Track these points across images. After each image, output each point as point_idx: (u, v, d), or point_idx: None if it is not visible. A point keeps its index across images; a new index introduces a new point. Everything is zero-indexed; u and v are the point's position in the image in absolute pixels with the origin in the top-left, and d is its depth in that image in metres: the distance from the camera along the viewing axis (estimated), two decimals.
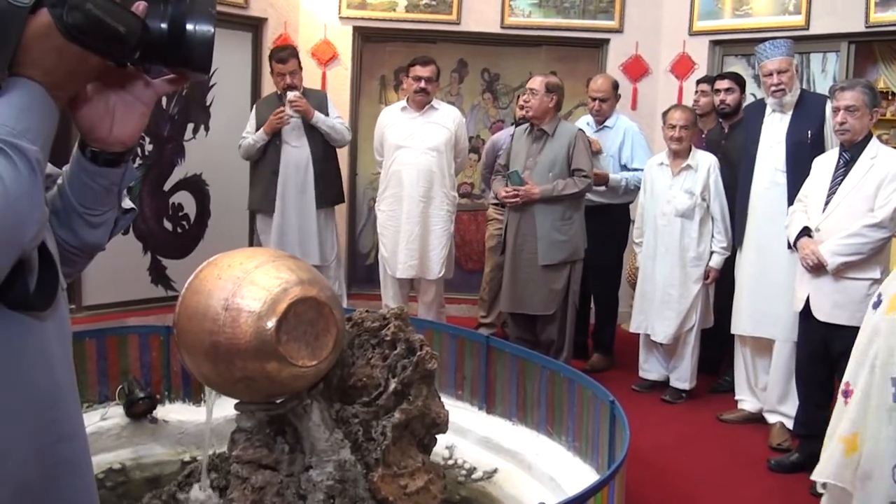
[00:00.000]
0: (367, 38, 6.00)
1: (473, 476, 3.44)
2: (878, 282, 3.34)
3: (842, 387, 1.38)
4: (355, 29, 5.91)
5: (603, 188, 4.88)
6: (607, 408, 3.15)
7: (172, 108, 5.23)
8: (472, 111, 6.11)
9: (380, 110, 5.25)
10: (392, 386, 2.65)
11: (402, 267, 4.77)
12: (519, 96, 5.45)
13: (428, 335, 3.65)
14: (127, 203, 1.26)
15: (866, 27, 5.13)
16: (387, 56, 6.10)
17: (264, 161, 4.86)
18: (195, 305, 2.28)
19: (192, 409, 3.62)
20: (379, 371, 2.67)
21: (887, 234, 3.35)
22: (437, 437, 2.93)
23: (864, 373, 1.28)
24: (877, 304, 1.36)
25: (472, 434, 3.60)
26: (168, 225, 5.28)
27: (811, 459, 3.60)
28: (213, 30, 1.04)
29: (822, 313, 3.49)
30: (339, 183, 5.11)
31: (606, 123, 5.03)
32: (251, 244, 5.29)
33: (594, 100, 5.00)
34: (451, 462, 3.50)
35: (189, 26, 1.03)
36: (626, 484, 2.83)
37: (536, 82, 4.55)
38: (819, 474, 1.52)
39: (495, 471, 3.43)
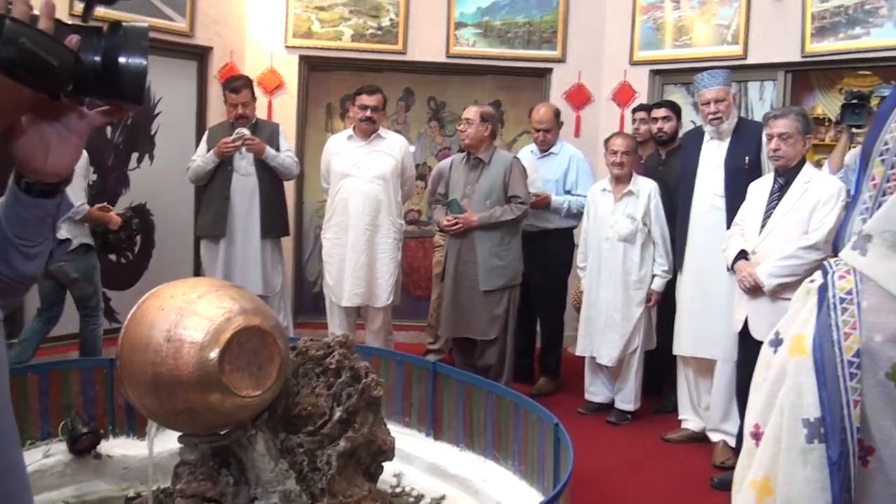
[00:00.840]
0: (314, 67, 6.03)
1: (421, 503, 3.44)
2: None
3: (751, 428, 1.39)
4: (301, 58, 5.94)
5: (544, 210, 4.97)
6: (552, 430, 3.19)
7: (117, 137, 5.19)
8: (419, 139, 6.18)
9: (326, 139, 5.27)
10: (337, 414, 2.66)
11: (348, 295, 4.77)
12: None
13: (374, 362, 3.66)
14: (62, 233, 1.27)
15: (802, 57, 5.30)
16: (333, 84, 6.14)
17: (214, 186, 4.84)
18: (138, 337, 2.27)
19: (136, 444, 3.55)
20: (324, 399, 2.67)
21: (821, 255, 3.43)
22: (385, 464, 2.94)
23: (774, 415, 1.30)
24: (776, 343, 1.38)
25: (419, 461, 3.61)
26: (112, 255, 5.21)
27: None
28: (145, 62, 1.06)
29: (760, 333, 3.58)
30: (285, 215, 5.12)
31: (552, 150, 5.14)
32: (196, 274, 5.25)
33: (538, 131, 5.09)
34: (398, 490, 3.49)
35: (122, 59, 1.05)
36: None
37: (472, 112, 4.66)
38: None
39: (443, 497, 3.44)
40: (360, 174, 4.76)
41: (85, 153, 3.86)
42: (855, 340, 1.20)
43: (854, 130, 4.45)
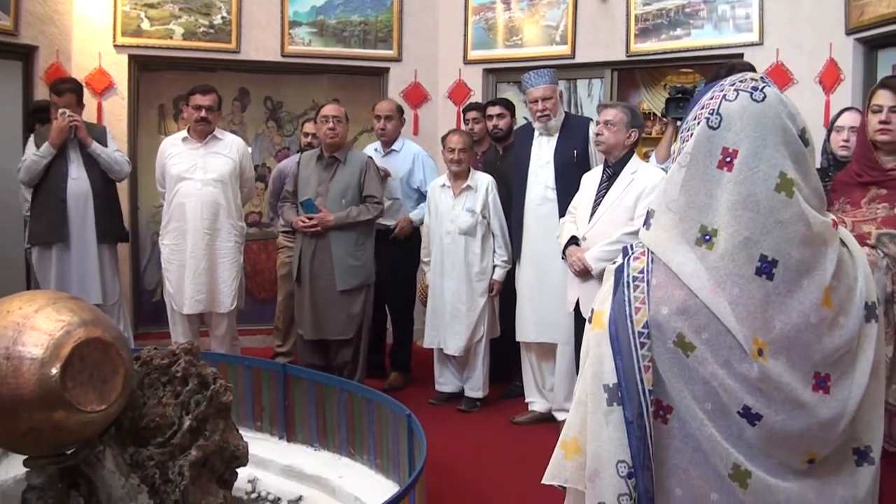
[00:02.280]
0: (144, 66, 5.80)
1: None
2: None
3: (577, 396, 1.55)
4: (131, 57, 5.69)
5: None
6: (404, 422, 3.26)
7: None
8: (257, 140, 6.07)
9: (159, 141, 5.08)
10: (186, 423, 2.60)
11: (190, 302, 4.64)
12: (303, 123, 5.50)
13: (222, 368, 3.60)
14: None
15: (627, 56, 5.67)
16: (165, 85, 5.93)
17: (48, 188, 4.54)
18: None
19: None
20: (172, 409, 2.60)
21: None
22: (239, 470, 2.90)
23: (580, 382, 1.44)
24: (589, 320, 1.52)
25: (273, 464, 3.58)
26: None
27: None
28: None
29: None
30: (120, 218, 4.90)
31: (394, 147, 5.19)
32: (28, 286, 4.92)
33: (379, 118, 5.13)
34: (254, 495, 3.45)
35: None
36: (427, 493, 2.95)
37: (339, 111, 4.65)
38: (547, 477, 1.76)
39: (300, 498, 3.43)
40: (197, 177, 4.63)
41: None
42: (644, 314, 1.36)
43: (679, 123, 4.79)
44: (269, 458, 3.58)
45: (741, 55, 5.14)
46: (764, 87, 1.44)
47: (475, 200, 4.65)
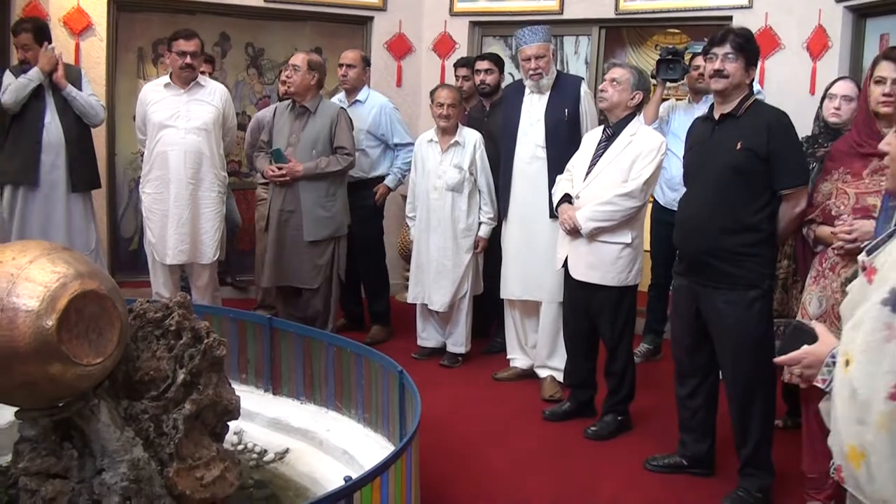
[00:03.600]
0: (123, 7, 5.58)
1: (265, 458, 3.40)
2: (629, 246, 3.72)
3: (890, 389, 1.39)
4: None
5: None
6: (396, 378, 3.25)
7: None
8: (237, 87, 5.92)
9: (138, 85, 4.96)
10: (180, 377, 2.56)
11: (173, 252, 4.57)
12: (281, 71, 5.39)
13: (207, 321, 3.55)
14: None
15: (616, 14, 5.61)
16: (144, 27, 5.72)
17: (25, 128, 4.44)
18: None
19: None
20: (166, 363, 2.57)
21: (637, 203, 3.69)
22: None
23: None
24: None
25: (259, 417, 3.56)
26: None
27: (581, 407, 4.01)
28: None
29: (577, 273, 3.82)
30: (95, 165, 4.78)
31: (358, 98, 5.11)
32: None
33: (342, 66, 5.06)
34: (240, 447, 3.43)
35: None
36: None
37: (299, 59, 4.57)
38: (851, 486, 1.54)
39: (287, 451, 3.43)
40: (180, 125, 4.53)
41: None
42: None
43: (669, 84, 4.78)
44: (255, 410, 3.56)
45: (730, 18, 5.14)
46: None
47: (463, 156, 4.61)
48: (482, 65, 5.02)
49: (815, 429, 2.94)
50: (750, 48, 3.14)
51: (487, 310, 5.02)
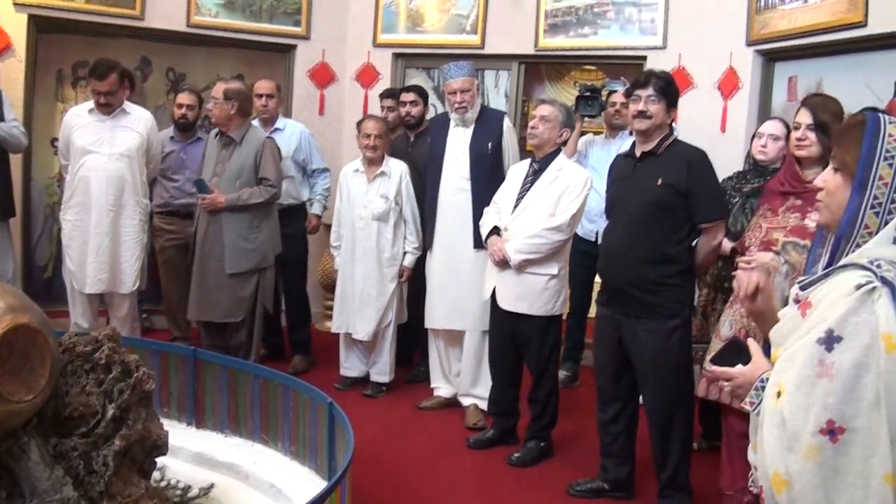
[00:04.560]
0: (44, 28, 5.40)
1: (190, 494, 3.32)
2: (555, 277, 3.84)
3: (821, 425, 1.45)
4: (31, 17, 5.28)
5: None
6: (325, 410, 3.26)
7: None
8: (157, 112, 5.80)
9: (56, 108, 4.82)
10: (110, 412, 2.52)
11: (92, 281, 4.45)
12: (177, 94, 5.36)
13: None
14: None
15: (535, 50, 5.78)
16: (64, 49, 5.54)
17: None
18: None
19: None
20: (95, 398, 2.52)
21: (564, 237, 3.83)
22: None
23: (870, 410, 1.42)
24: (832, 341, 1.48)
25: (183, 452, 3.48)
26: None
27: (504, 434, 4.08)
28: None
29: (505, 303, 3.91)
30: (10, 192, 4.63)
31: (277, 126, 5.14)
32: None
33: (261, 97, 5.06)
34: (163, 483, 3.35)
35: None
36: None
37: (218, 90, 4.59)
38: None
39: (212, 486, 3.36)
40: (104, 150, 4.43)
41: None
42: None
43: (587, 119, 4.97)
44: (178, 445, 3.46)
45: (645, 58, 5.37)
46: None
47: (389, 187, 4.66)
48: (408, 97, 5.10)
49: (733, 447, 3.09)
50: (671, 90, 3.31)
51: (411, 339, 5.06)
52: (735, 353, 1.78)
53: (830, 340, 1.45)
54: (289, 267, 5.11)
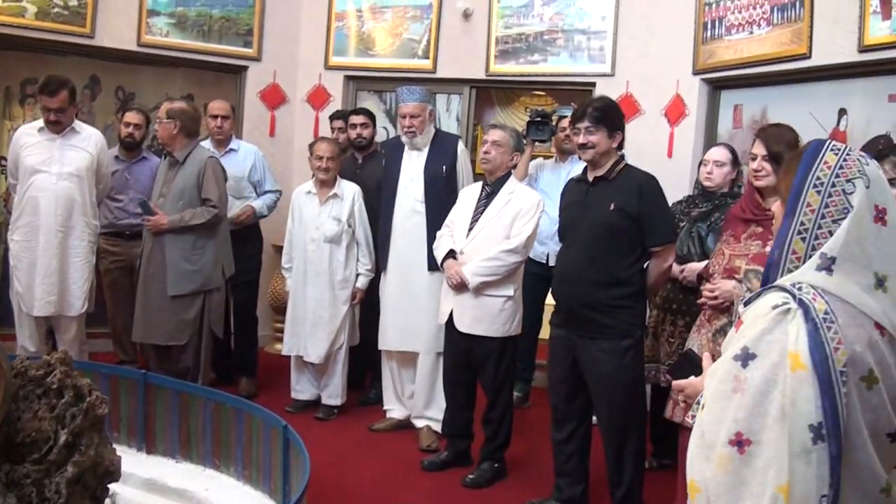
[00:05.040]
0: None
1: None
2: (511, 299, 3.89)
3: (730, 437, 1.51)
4: None
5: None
6: (280, 434, 3.24)
7: None
8: (106, 131, 5.71)
9: (4, 126, 4.72)
10: (62, 438, 2.48)
11: (40, 303, 4.33)
12: (124, 113, 5.31)
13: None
14: None
15: (486, 75, 5.88)
16: (12, 66, 5.43)
17: None
18: None
19: None
20: (48, 423, 2.47)
21: (520, 258, 3.89)
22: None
23: (773, 424, 1.46)
24: (747, 358, 1.52)
25: (133, 478, 3.43)
26: None
27: (458, 456, 4.10)
28: None
29: (463, 325, 3.94)
30: None
31: (232, 147, 5.12)
32: None
33: (216, 117, 5.03)
34: None
35: None
36: None
37: (162, 109, 4.57)
38: None
39: None
40: (53, 170, 4.34)
41: None
42: (843, 353, 1.46)
43: (538, 144, 5.06)
44: (128, 471, 3.38)
45: (594, 84, 5.50)
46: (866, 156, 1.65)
47: (341, 209, 4.66)
48: (357, 119, 5.12)
49: None
50: (610, 115, 3.38)
51: (363, 361, 5.05)
52: (689, 365, 1.86)
53: (746, 357, 1.52)
54: (241, 288, 5.07)
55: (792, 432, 1.44)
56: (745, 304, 1.67)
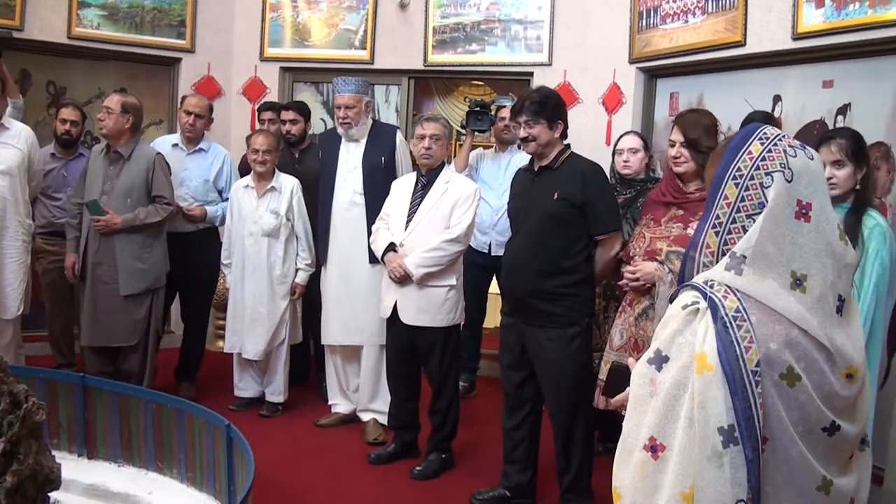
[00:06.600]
0: None
1: None
2: (454, 288, 3.90)
3: (644, 441, 1.47)
4: None
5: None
6: (223, 433, 3.20)
7: None
8: (37, 127, 5.53)
9: None
10: (0, 447, 2.41)
11: None
12: (59, 108, 5.09)
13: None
14: None
15: (424, 66, 5.88)
16: None
17: None
18: None
19: None
20: None
21: (462, 247, 3.91)
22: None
23: (682, 428, 1.41)
24: (661, 361, 1.47)
25: (75, 484, 3.35)
26: None
27: (405, 448, 4.11)
28: None
29: (407, 317, 3.93)
30: None
31: (201, 146, 4.97)
32: None
33: (189, 114, 4.87)
34: None
35: None
36: None
37: (113, 101, 4.41)
38: None
39: None
40: None
41: None
42: (755, 352, 1.40)
43: (477, 134, 5.07)
44: (69, 477, 3.30)
45: (531, 73, 5.55)
46: (806, 146, 1.56)
47: (280, 202, 4.61)
48: (287, 115, 5.03)
49: None
50: (549, 106, 3.40)
51: (306, 357, 5.01)
52: (620, 380, 1.80)
53: (660, 360, 1.48)
54: (197, 292, 4.99)
55: (702, 436, 1.39)
56: (670, 302, 1.62)
